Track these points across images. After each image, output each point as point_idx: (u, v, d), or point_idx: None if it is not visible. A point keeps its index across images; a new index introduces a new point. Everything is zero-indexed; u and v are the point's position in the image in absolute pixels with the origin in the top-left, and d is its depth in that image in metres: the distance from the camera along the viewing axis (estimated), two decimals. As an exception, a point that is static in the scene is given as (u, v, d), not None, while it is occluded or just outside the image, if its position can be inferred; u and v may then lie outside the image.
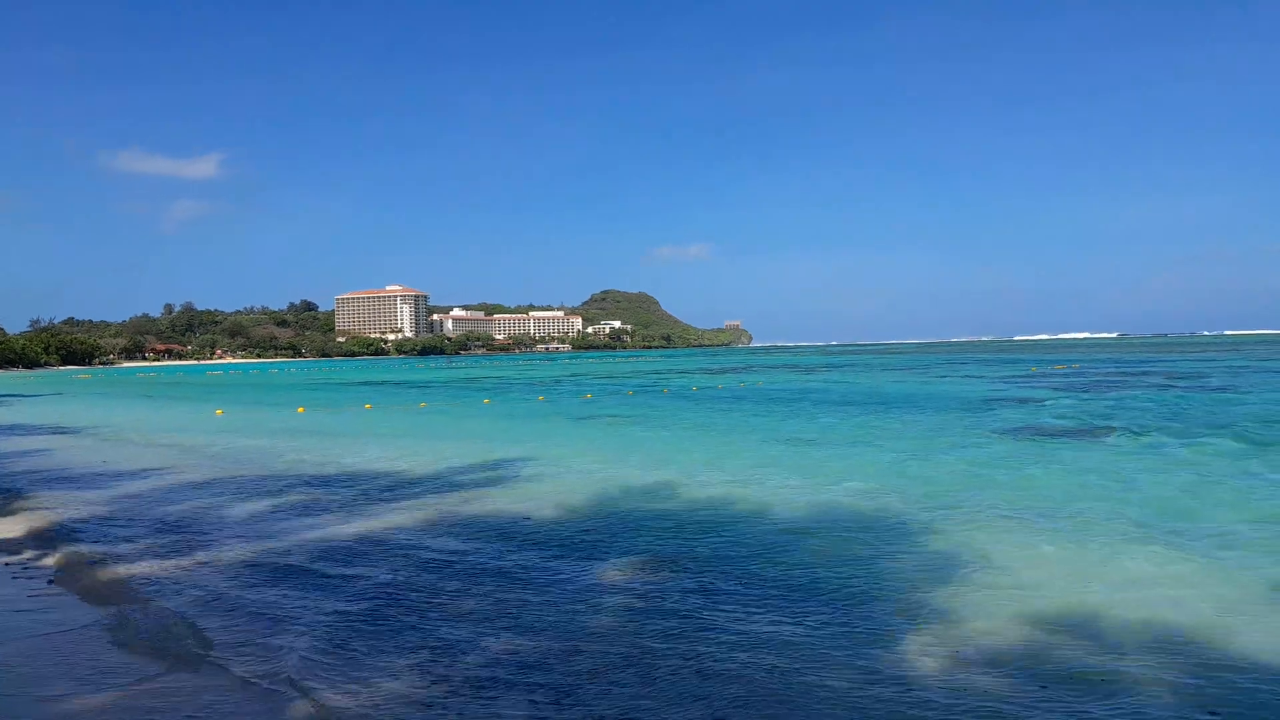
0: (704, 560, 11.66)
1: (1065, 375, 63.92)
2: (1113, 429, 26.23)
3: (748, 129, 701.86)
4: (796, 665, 7.81)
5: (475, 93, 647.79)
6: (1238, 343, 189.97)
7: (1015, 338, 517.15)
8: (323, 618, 9.48)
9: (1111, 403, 36.97)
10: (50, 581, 11.16)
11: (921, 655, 8.00)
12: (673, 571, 11.13)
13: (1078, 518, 13.67)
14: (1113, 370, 69.50)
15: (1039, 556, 11.44)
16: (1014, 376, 64.24)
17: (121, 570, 11.74)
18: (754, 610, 9.45)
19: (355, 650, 8.44)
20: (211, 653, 8.43)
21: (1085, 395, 42.03)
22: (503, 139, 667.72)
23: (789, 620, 9.07)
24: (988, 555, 11.52)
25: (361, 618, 9.45)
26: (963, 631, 8.62)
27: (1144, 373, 63.47)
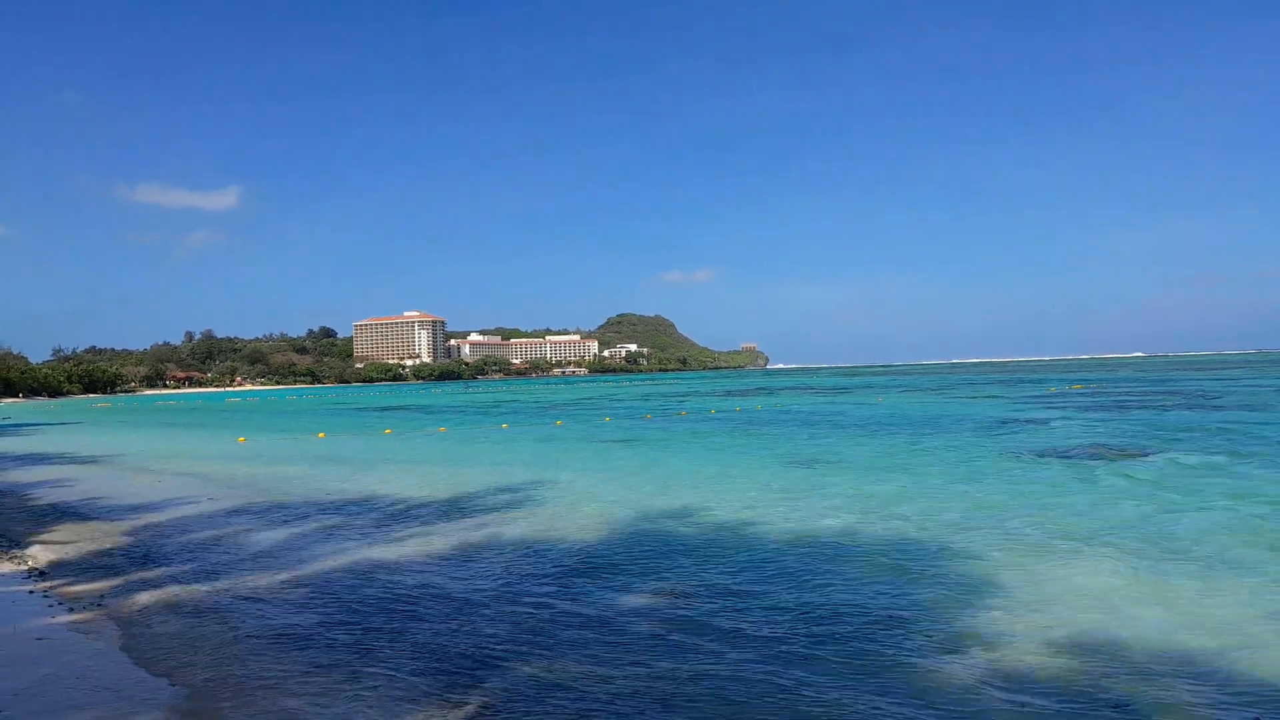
0: (725, 584, 11.71)
1: (1084, 395, 63.48)
2: (1137, 450, 26.08)
3: (750, 154, 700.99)
4: (819, 690, 7.85)
5: (486, 120, 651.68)
6: (1259, 361, 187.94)
7: (1030, 358, 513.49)
8: (344, 644, 9.59)
9: (1133, 423, 36.70)
10: (73, 610, 11.34)
11: (946, 680, 8.01)
12: (694, 595, 11.18)
13: (1103, 540, 13.62)
14: (1132, 390, 68.90)
15: (1064, 579, 11.41)
16: (1032, 397, 63.84)
17: (145, 598, 11.90)
18: (776, 634, 9.49)
19: (376, 674, 8.54)
20: (233, 679, 8.55)
21: (1106, 416, 41.75)
22: (514, 165, 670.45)
23: (811, 645, 9.11)
24: (1012, 578, 11.51)
25: (382, 643, 9.55)
26: (987, 655, 8.63)
27: (1164, 392, 62.90)
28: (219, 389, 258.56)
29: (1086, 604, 10.27)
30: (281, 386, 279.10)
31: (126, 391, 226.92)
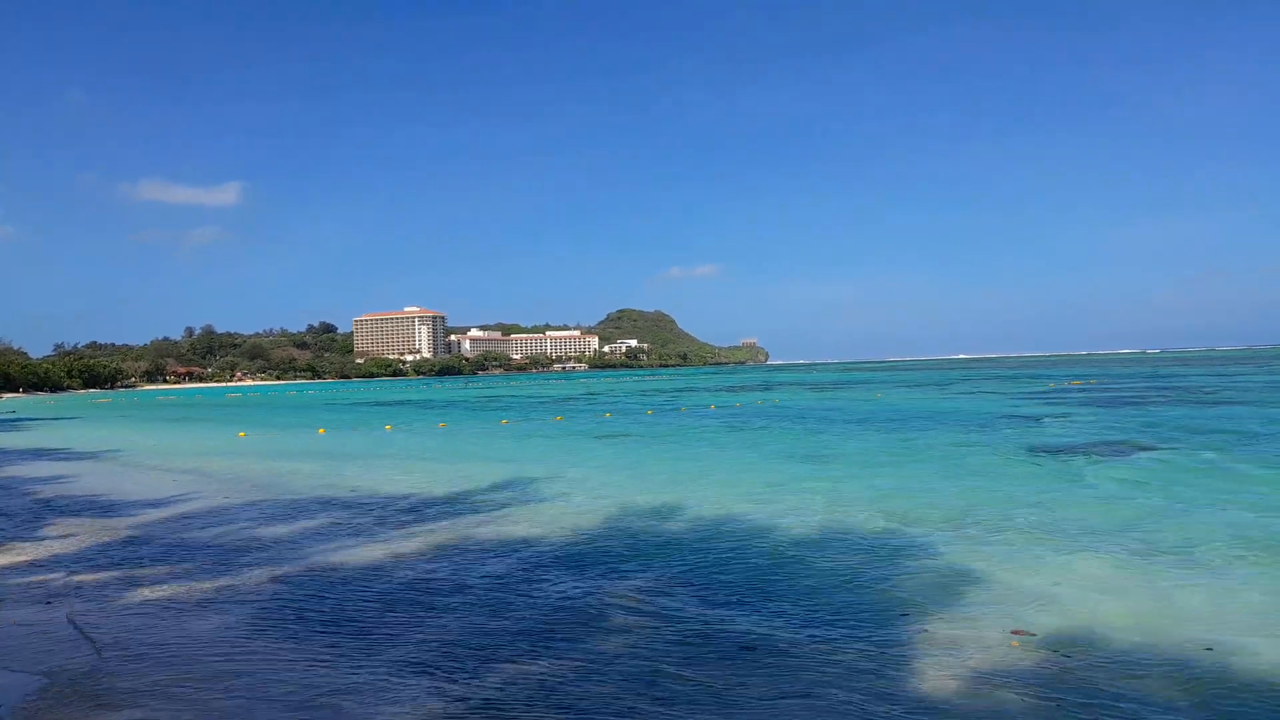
0: (721, 580, 11.74)
1: (1082, 390, 63.53)
2: (1132, 445, 26.12)
3: (750, 153, 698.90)
4: (812, 686, 7.90)
5: (486, 119, 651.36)
6: (1259, 357, 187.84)
7: (1030, 354, 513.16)
8: (345, 640, 9.64)
9: (1130, 418, 36.76)
10: (70, 605, 11.39)
11: (937, 674, 8.05)
12: (689, 591, 11.22)
13: (1098, 535, 13.68)
14: (1130, 385, 68.95)
15: (1056, 576, 11.46)
16: (1031, 392, 63.90)
17: (143, 594, 11.94)
18: (770, 630, 9.53)
19: (377, 671, 8.58)
20: (232, 675, 8.60)
21: (1104, 411, 41.80)
22: (514, 163, 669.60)
23: (805, 640, 9.16)
24: (1005, 575, 11.54)
25: (382, 639, 9.60)
26: (979, 650, 8.69)
27: (1163, 388, 62.95)
28: (219, 384, 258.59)
29: (1079, 602, 10.30)
30: (282, 382, 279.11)
31: (127, 387, 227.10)
